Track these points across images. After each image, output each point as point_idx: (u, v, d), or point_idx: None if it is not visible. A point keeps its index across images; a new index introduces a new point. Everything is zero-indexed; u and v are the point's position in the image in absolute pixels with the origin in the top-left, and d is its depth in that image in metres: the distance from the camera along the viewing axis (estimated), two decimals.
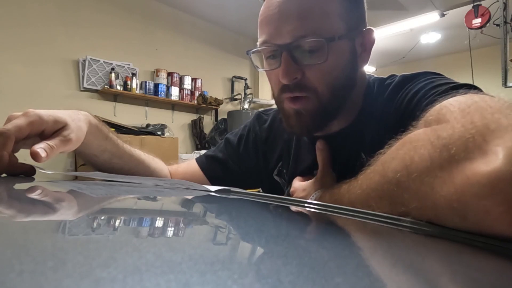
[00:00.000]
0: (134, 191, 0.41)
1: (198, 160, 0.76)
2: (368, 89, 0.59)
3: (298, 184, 0.57)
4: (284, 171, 0.69)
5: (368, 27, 0.57)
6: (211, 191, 0.41)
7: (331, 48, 0.50)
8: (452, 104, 0.36)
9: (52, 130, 0.48)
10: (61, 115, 0.49)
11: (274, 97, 0.59)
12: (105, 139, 0.58)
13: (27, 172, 0.49)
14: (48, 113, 0.48)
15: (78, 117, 0.52)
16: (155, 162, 0.68)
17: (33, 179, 0.48)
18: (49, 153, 0.45)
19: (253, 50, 0.57)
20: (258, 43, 0.56)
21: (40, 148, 0.44)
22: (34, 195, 0.35)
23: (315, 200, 0.48)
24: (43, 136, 0.48)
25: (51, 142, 0.46)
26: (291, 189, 0.58)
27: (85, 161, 0.60)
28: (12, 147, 0.45)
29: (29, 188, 0.41)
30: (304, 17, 0.50)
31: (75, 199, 0.34)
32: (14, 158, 0.48)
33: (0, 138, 0.44)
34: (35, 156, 0.43)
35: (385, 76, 0.60)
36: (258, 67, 0.59)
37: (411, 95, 0.51)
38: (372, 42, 0.57)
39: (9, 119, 0.46)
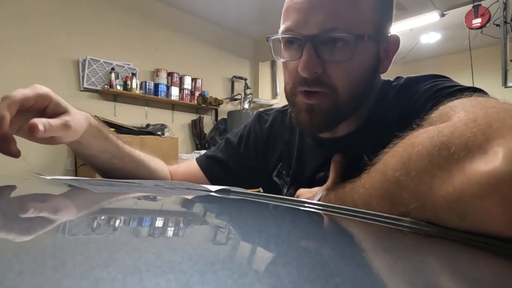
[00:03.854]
0: (135, 190, 0.41)
1: (198, 160, 0.75)
2: (380, 94, 0.58)
3: (304, 189, 0.56)
4: (284, 172, 0.69)
5: (394, 33, 0.55)
6: (211, 191, 0.41)
7: (359, 46, 0.49)
8: (457, 105, 0.36)
9: (53, 111, 0.48)
10: (65, 102, 0.49)
11: (286, 89, 0.57)
12: (105, 140, 0.57)
13: (15, 154, 0.46)
14: (56, 95, 0.48)
15: (80, 114, 0.52)
16: (155, 163, 0.68)
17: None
18: (47, 129, 0.43)
19: (274, 36, 0.55)
20: (280, 30, 0.53)
21: (41, 122, 0.42)
22: (34, 193, 0.35)
23: (320, 200, 0.48)
24: (43, 115, 0.47)
25: (52, 121, 0.45)
26: (297, 193, 0.57)
27: (84, 162, 0.60)
28: (15, 112, 0.44)
29: (28, 185, 0.41)
30: (336, 10, 0.48)
31: (75, 197, 0.34)
32: (10, 133, 0.46)
33: (5, 100, 0.43)
34: (32, 128, 0.41)
35: (392, 78, 0.60)
36: (276, 56, 0.56)
37: (416, 96, 0.51)
38: (395, 50, 0.55)
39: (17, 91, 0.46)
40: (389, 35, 0.54)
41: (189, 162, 0.77)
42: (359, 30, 0.49)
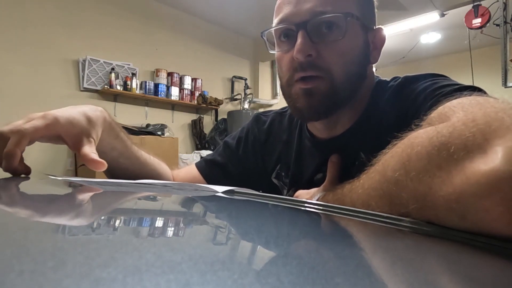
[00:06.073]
0: (143, 190, 0.41)
1: (197, 165, 0.75)
2: (375, 90, 0.59)
3: (302, 190, 0.56)
4: (283, 174, 0.69)
5: (378, 26, 0.58)
6: (218, 192, 0.41)
7: (349, 26, 0.52)
8: (456, 105, 0.36)
9: (69, 134, 0.49)
10: (78, 119, 0.50)
11: (282, 83, 0.57)
12: (116, 137, 0.58)
13: (27, 172, 0.49)
14: (64, 115, 0.49)
15: (95, 114, 0.52)
16: (161, 167, 0.68)
17: (29, 178, 0.48)
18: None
19: (268, 29, 0.57)
20: (273, 24, 0.56)
21: (94, 161, 0.47)
22: (40, 192, 0.35)
23: (318, 201, 0.48)
24: (62, 137, 0.49)
25: (87, 151, 0.48)
26: (295, 194, 0.57)
27: None
28: (25, 147, 0.46)
29: (37, 184, 0.41)
30: None
31: (87, 197, 0.34)
32: (21, 157, 0.48)
33: (16, 135, 0.44)
34: (100, 165, 0.47)
35: (389, 79, 0.60)
36: (271, 49, 0.59)
37: (414, 95, 0.51)
38: (382, 42, 0.58)
39: (28, 118, 0.47)
40: (374, 27, 0.58)
41: (189, 167, 0.77)
42: (347, 10, 0.52)
